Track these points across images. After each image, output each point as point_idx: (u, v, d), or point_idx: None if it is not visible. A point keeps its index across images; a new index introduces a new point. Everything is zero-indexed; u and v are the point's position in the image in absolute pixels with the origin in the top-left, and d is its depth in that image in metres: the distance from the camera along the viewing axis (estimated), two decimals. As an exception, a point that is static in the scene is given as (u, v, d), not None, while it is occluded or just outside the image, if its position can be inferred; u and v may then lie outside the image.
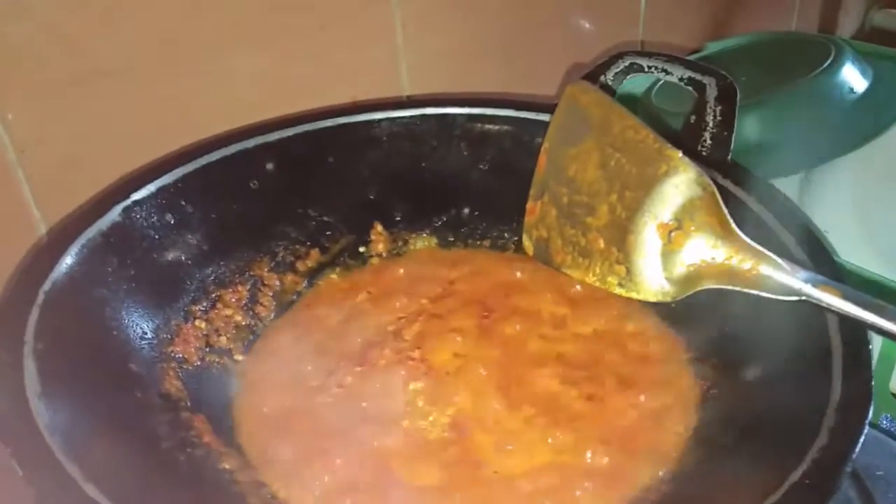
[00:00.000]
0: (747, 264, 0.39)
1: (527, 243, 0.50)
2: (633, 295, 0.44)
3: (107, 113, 0.50)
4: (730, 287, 0.40)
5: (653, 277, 0.43)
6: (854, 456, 0.31)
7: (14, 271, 0.44)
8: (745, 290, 0.39)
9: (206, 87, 0.53)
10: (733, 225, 0.40)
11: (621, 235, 0.44)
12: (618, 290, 0.45)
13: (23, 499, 0.30)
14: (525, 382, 0.45)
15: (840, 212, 0.62)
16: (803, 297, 0.37)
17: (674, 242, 0.42)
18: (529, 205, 0.50)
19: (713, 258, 0.41)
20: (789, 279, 0.38)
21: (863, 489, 0.44)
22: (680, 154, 0.42)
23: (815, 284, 0.37)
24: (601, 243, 0.45)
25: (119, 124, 0.51)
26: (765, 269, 0.39)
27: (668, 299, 0.43)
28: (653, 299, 0.43)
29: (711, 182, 0.42)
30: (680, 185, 0.42)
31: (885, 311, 0.35)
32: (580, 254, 0.46)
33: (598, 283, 0.46)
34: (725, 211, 0.41)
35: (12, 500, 0.32)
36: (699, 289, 0.41)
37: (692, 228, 0.42)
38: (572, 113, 0.48)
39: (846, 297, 0.36)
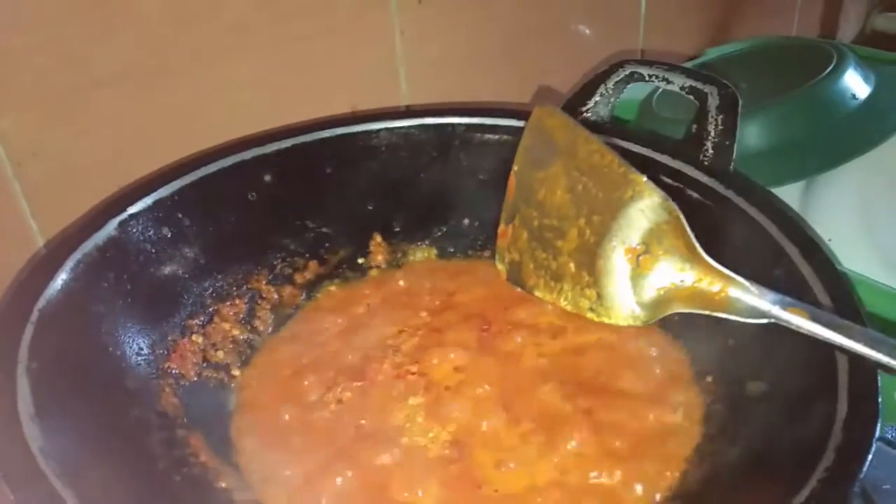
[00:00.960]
0: (716, 287, 0.39)
1: (500, 266, 0.50)
2: (605, 319, 0.44)
3: (103, 124, 0.50)
4: (700, 311, 0.40)
5: (623, 301, 0.43)
6: (861, 476, 0.30)
7: (12, 284, 0.44)
8: (715, 314, 0.39)
9: (204, 97, 0.53)
10: (700, 249, 0.40)
11: (591, 260, 0.44)
12: (589, 315, 0.45)
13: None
14: (526, 397, 0.44)
15: (843, 219, 0.61)
16: (772, 320, 0.37)
17: (642, 266, 0.42)
18: (501, 228, 0.50)
19: (682, 281, 0.41)
20: (758, 301, 0.38)
21: (869, 503, 0.43)
22: (644, 179, 0.42)
23: (783, 306, 0.37)
24: (572, 267, 0.45)
25: (116, 135, 0.51)
26: (733, 292, 0.39)
27: (640, 323, 0.43)
28: (623, 323, 0.43)
29: (676, 207, 0.41)
30: (646, 209, 0.42)
31: (853, 331, 0.35)
32: (552, 277, 0.46)
33: (569, 308, 0.46)
34: (691, 235, 0.41)
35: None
36: (670, 312, 0.41)
37: (660, 252, 0.42)
38: (539, 136, 0.48)
39: (814, 319, 0.36)
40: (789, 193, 0.59)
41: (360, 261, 0.55)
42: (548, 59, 0.71)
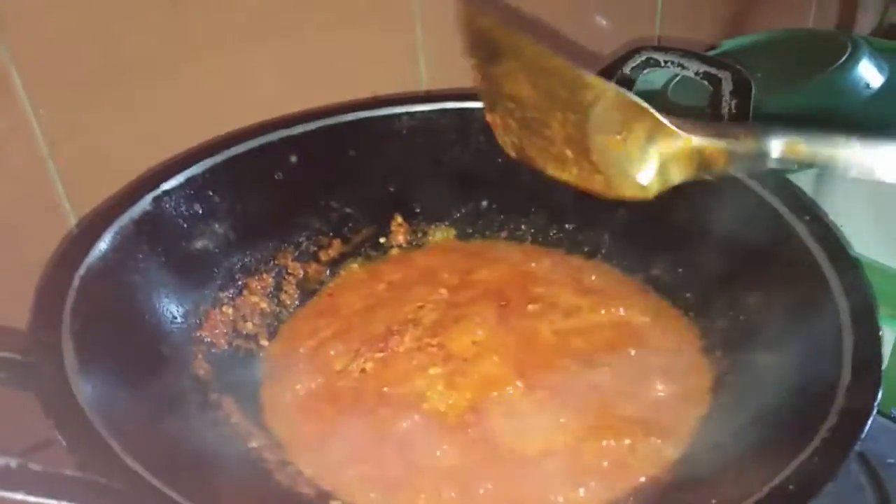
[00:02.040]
0: (702, 143, 0.39)
1: (506, 149, 0.48)
2: (617, 194, 0.43)
3: (135, 107, 0.52)
4: (705, 174, 0.40)
5: (629, 179, 0.42)
6: (863, 435, 0.32)
7: (45, 263, 0.46)
8: (720, 173, 0.39)
9: (227, 82, 0.55)
10: (665, 121, 0.40)
11: (584, 150, 0.43)
12: (601, 189, 0.43)
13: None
14: (541, 369, 0.46)
15: (855, 206, 0.62)
16: (772, 156, 0.37)
17: (629, 148, 0.41)
18: (488, 118, 0.48)
19: (671, 152, 0.40)
20: (753, 145, 0.38)
21: (874, 476, 0.44)
22: (597, 78, 0.42)
23: (780, 142, 0.37)
24: (570, 154, 0.44)
25: (147, 119, 0.52)
26: (726, 144, 0.39)
27: (650, 195, 0.42)
28: (638, 196, 0.42)
29: (632, 95, 0.41)
30: (609, 106, 0.41)
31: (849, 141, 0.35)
32: (555, 160, 0.45)
33: (582, 184, 0.44)
34: (656, 112, 0.40)
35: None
36: (676, 182, 0.41)
37: (641, 135, 0.41)
38: (477, 38, 0.45)
39: (808, 142, 0.36)
40: (802, 181, 0.60)
41: (382, 240, 0.57)
42: (566, 46, 0.72)
